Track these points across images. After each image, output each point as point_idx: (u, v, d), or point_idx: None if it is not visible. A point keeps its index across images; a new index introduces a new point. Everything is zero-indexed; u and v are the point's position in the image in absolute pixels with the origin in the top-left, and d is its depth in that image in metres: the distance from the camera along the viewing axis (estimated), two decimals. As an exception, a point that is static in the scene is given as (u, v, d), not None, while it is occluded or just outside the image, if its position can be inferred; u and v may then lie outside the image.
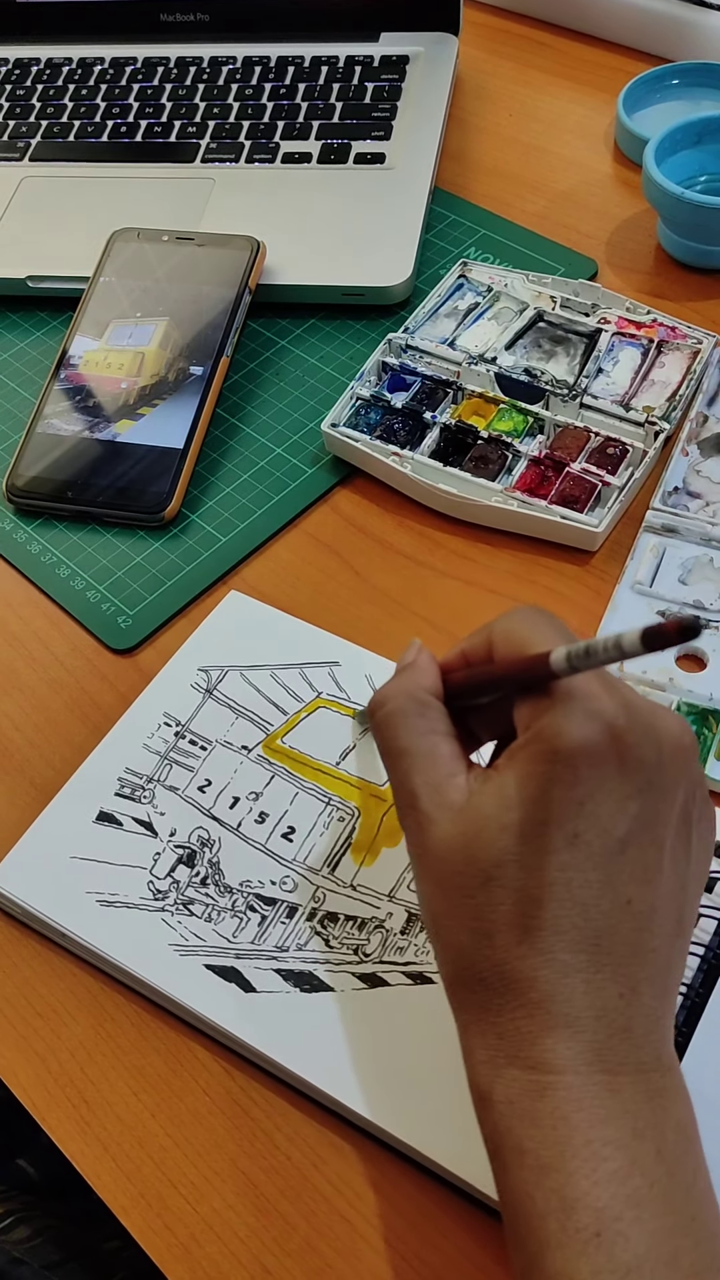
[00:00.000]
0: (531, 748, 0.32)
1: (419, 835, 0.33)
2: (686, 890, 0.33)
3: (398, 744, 0.35)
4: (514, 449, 0.56)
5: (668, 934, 0.32)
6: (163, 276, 0.65)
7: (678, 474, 0.55)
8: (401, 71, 0.76)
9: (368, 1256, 0.37)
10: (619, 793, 0.31)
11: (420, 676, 0.37)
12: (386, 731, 0.36)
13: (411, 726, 0.35)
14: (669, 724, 0.33)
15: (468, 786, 0.33)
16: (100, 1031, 0.43)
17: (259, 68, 0.78)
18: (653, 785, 0.32)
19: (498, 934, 0.31)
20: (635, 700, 0.33)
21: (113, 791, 0.47)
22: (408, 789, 0.34)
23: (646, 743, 0.32)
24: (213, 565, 0.56)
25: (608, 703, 0.31)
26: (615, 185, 0.71)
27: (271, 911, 0.44)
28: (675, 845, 0.33)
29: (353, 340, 0.65)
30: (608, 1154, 0.29)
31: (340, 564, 0.55)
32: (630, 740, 0.31)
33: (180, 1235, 0.39)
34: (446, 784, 0.34)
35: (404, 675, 0.37)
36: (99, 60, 0.81)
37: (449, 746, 0.35)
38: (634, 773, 0.31)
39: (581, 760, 0.31)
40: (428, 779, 0.34)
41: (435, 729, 0.35)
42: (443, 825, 0.33)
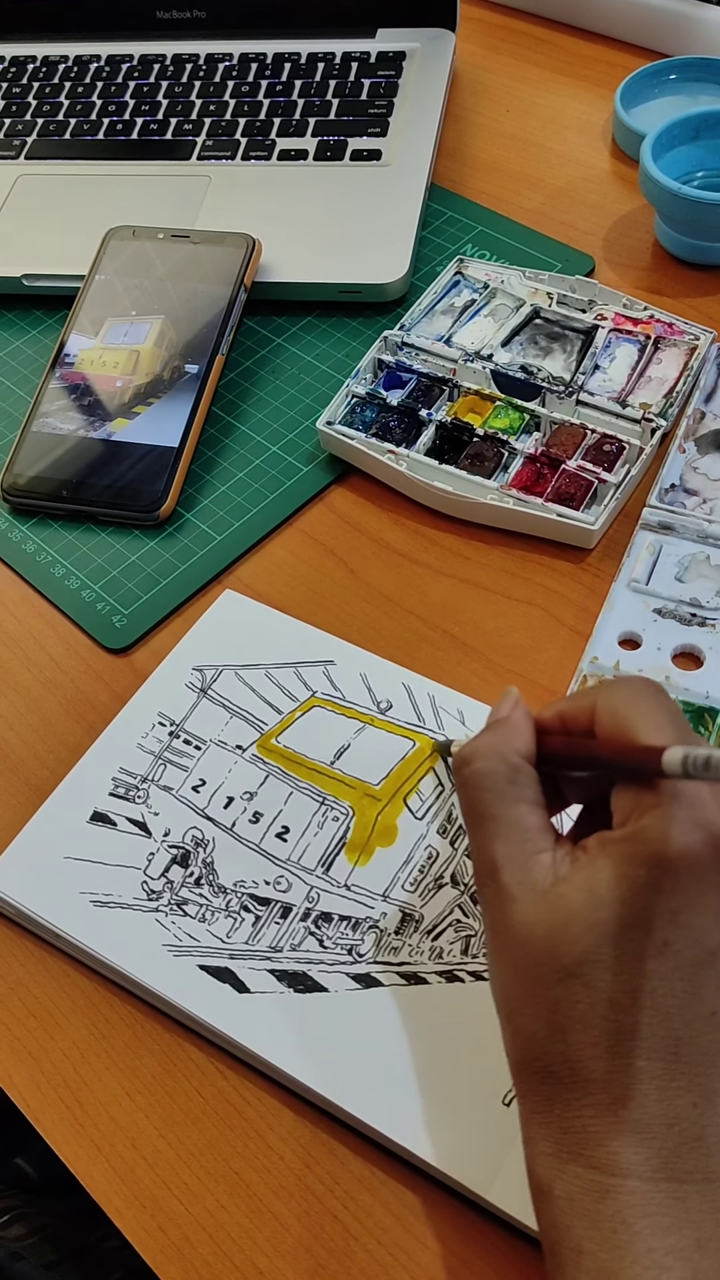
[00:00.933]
0: (630, 847, 0.31)
1: (499, 910, 0.33)
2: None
3: (483, 808, 0.34)
4: (510, 446, 0.56)
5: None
6: (158, 274, 0.65)
7: (674, 471, 0.55)
8: (398, 68, 0.76)
9: (359, 1256, 0.37)
10: (717, 905, 0.30)
11: (514, 736, 0.35)
12: (472, 792, 0.34)
13: (500, 792, 0.34)
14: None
15: (554, 866, 0.32)
16: (94, 1032, 0.43)
17: (255, 65, 0.78)
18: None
19: (574, 1031, 0.31)
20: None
21: (107, 791, 0.47)
22: (489, 858, 0.33)
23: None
24: (208, 564, 0.56)
25: (715, 811, 0.31)
26: (613, 181, 0.71)
27: (265, 912, 0.44)
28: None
29: (349, 338, 0.64)
30: (669, 1264, 0.29)
31: (336, 562, 0.55)
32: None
33: (173, 1236, 0.39)
34: (532, 860, 0.32)
35: (496, 733, 0.35)
36: (95, 58, 0.80)
37: (537, 818, 0.34)
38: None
39: (683, 870, 0.30)
40: (512, 851, 0.33)
41: (524, 797, 0.34)
42: (525, 906, 0.32)
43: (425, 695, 0.48)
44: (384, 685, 0.49)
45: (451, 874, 0.44)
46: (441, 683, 0.49)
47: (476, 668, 0.51)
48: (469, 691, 0.49)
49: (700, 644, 0.49)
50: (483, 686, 0.50)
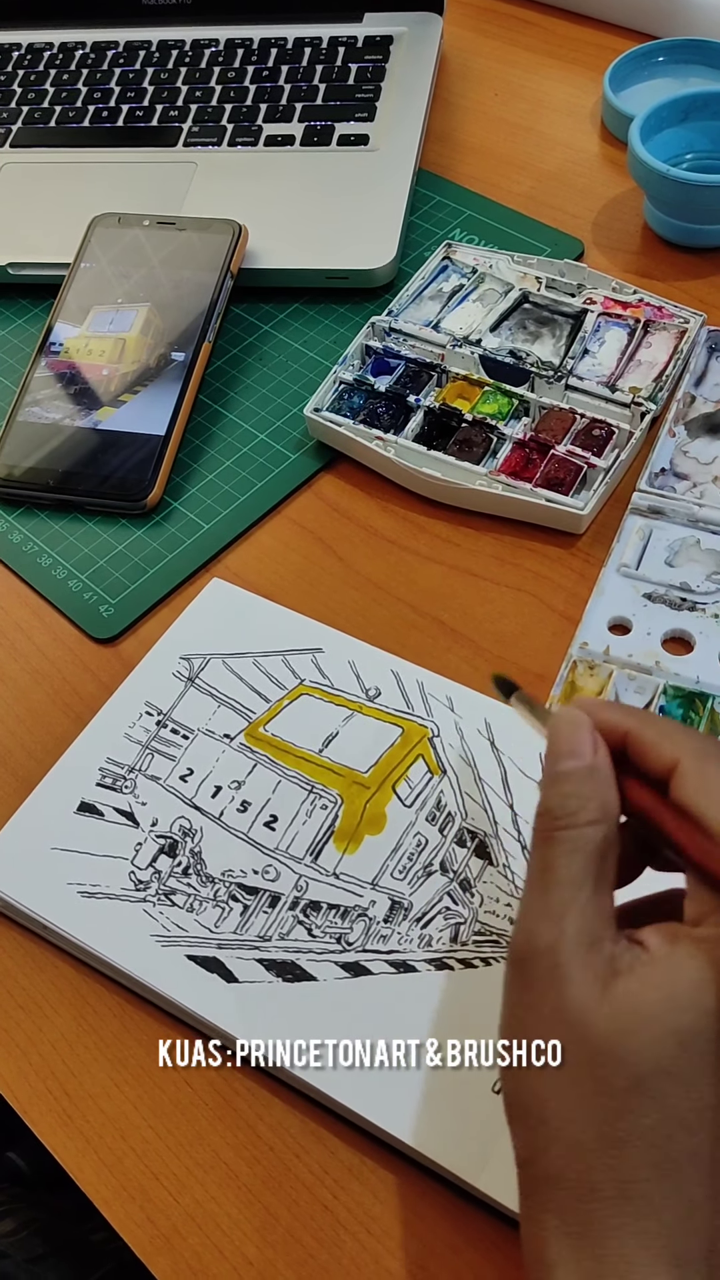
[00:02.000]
0: (716, 950, 0.28)
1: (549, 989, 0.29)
2: None
3: (566, 872, 0.30)
4: (499, 432, 0.56)
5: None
6: (144, 262, 0.64)
7: (664, 455, 0.55)
8: (385, 52, 0.75)
9: (349, 1245, 0.37)
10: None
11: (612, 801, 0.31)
12: (560, 849, 0.30)
13: (590, 864, 0.30)
14: None
15: (613, 957, 0.29)
16: (82, 1024, 0.43)
17: (241, 50, 0.77)
18: None
19: (633, 1148, 0.28)
20: None
21: (94, 782, 0.47)
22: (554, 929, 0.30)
23: None
24: (195, 553, 0.55)
25: None
26: (602, 164, 0.70)
27: (254, 901, 0.43)
28: None
29: (337, 324, 0.64)
30: None
31: (324, 550, 0.55)
32: None
33: (162, 1227, 0.38)
34: (596, 945, 0.29)
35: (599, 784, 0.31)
36: (80, 45, 0.80)
37: (609, 901, 0.31)
38: None
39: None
40: (581, 930, 0.29)
41: (607, 874, 0.31)
42: (585, 994, 0.29)
43: (414, 682, 0.48)
44: (372, 672, 0.49)
45: (440, 861, 0.43)
46: (431, 669, 0.49)
47: (466, 654, 0.50)
48: (458, 678, 0.48)
49: (690, 628, 0.49)
50: (472, 673, 0.49)
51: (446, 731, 0.46)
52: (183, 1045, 0.41)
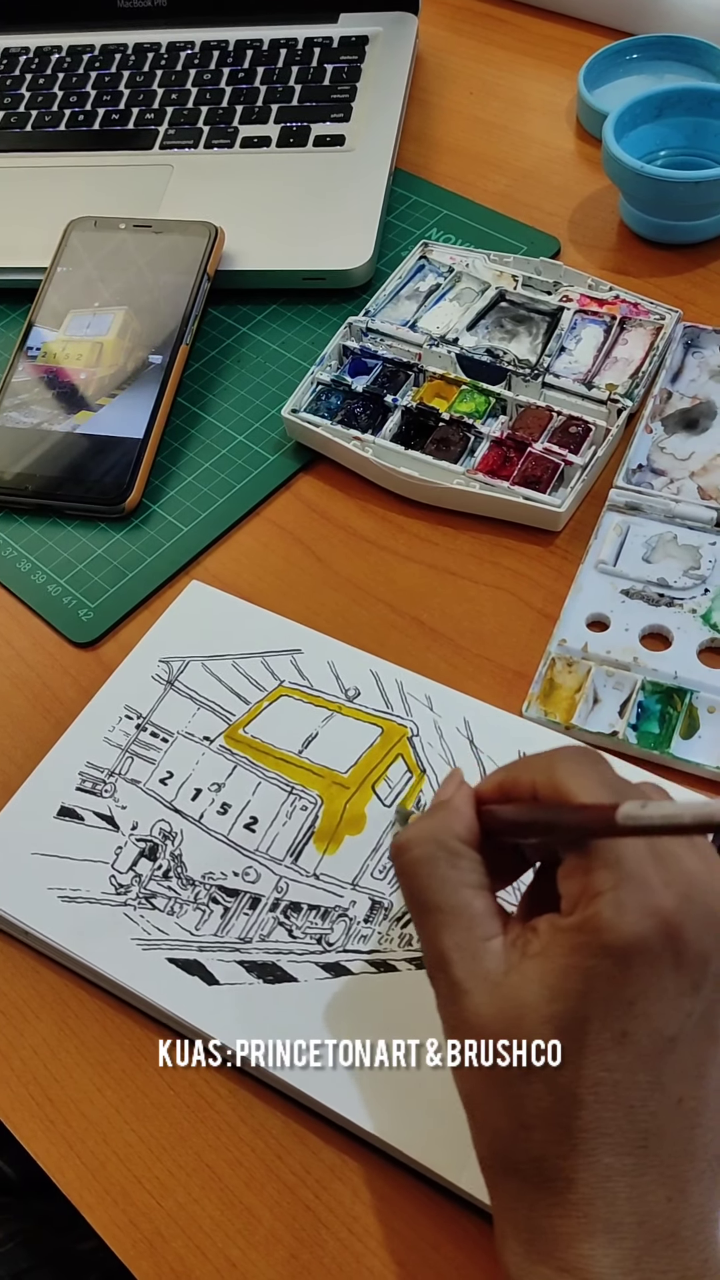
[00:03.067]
0: (579, 937, 0.30)
1: (451, 1004, 0.32)
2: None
3: (426, 897, 0.33)
4: (476, 430, 0.56)
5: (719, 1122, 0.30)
6: (120, 265, 0.64)
7: (641, 451, 0.55)
8: (361, 52, 0.76)
9: (331, 1245, 0.37)
10: (673, 990, 0.29)
11: (453, 819, 0.34)
12: (413, 881, 0.33)
13: (441, 879, 0.33)
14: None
15: (504, 953, 0.31)
16: (64, 1028, 0.43)
17: (217, 52, 0.77)
18: (709, 976, 0.30)
19: (537, 1129, 0.30)
20: (695, 879, 0.30)
21: (74, 786, 0.47)
22: (437, 949, 0.32)
23: (706, 933, 0.30)
24: (175, 555, 0.55)
25: (664, 894, 0.30)
26: (578, 162, 0.70)
27: (234, 903, 0.43)
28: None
29: (314, 325, 0.64)
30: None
31: (303, 551, 0.55)
32: (689, 935, 0.29)
33: (145, 1230, 0.38)
34: (481, 949, 0.32)
35: (437, 817, 0.34)
36: (56, 49, 0.80)
37: (483, 902, 0.33)
38: (691, 968, 0.30)
39: (634, 959, 0.29)
40: (460, 941, 0.32)
41: (467, 882, 0.33)
42: (478, 999, 0.31)
43: (393, 682, 0.48)
44: (352, 673, 0.49)
45: (420, 860, 0.43)
46: (411, 669, 0.49)
47: (445, 653, 0.50)
48: (438, 677, 0.48)
49: (668, 624, 0.49)
50: (451, 672, 0.49)
51: (426, 730, 0.47)
52: (170, 1048, 0.41)
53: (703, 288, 0.62)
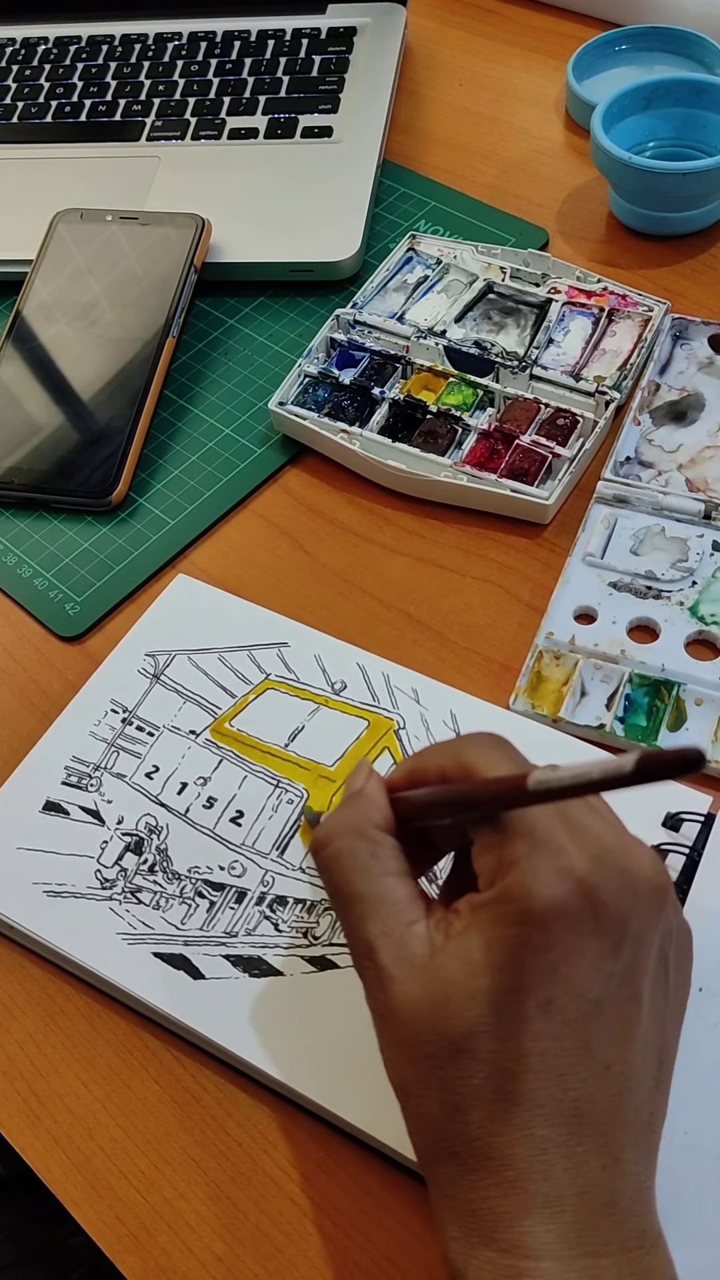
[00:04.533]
0: (498, 908, 0.30)
1: (379, 992, 0.31)
2: (666, 1031, 0.32)
3: (349, 888, 0.33)
4: (463, 423, 0.55)
5: (648, 1087, 0.31)
6: (107, 257, 0.64)
7: (629, 444, 0.55)
8: (349, 43, 0.75)
9: (316, 1239, 0.37)
10: (594, 952, 0.30)
11: (368, 808, 0.34)
12: (334, 874, 0.33)
13: (361, 869, 0.33)
14: (642, 866, 0.31)
15: (429, 936, 0.31)
16: (50, 1023, 0.42)
17: (205, 43, 0.77)
18: (628, 937, 0.30)
19: (470, 1108, 0.29)
20: (606, 843, 0.31)
21: (59, 780, 0.47)
22: (362, 938, 0.32)
23: (622, 894, 0.30)
24: (161, 549, 0.55)
25: (578, 857, 0.30)
26: (566, 153, 0.70)
27: (220, 897, 0.43)
28: (654, 990, 0.31)
29: (302, 317, 0.64)
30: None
31: (290, 544, 0.55)
32: (604, 895, 0.30)
33: (130, 1225, 0.38)
34: (405, 934, 0.31)
35: (350, 809, 0.34)
36: (43, 40, 0.79)
37: (405, 888, 0.33)
38: (609, 929, 0.30)
39: (554, 923, 0.29)
40: (384, 928, 0.32)
41: (388, 869, 0.33)
42: (405, 984, 0.31)
43: (380, 674, 0.48)
44: (338, 666, 0.48)
45: (407, 854, 0.43)
46: (398, 662, 0.49)
47: (433, 646, 0.50)
48: (425, 670, 0.48)
49: (655, 616, 0.49)
50: (439, 665, 0.49)
51: (412, 723, 0.46)
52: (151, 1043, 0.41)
53: (691, 279, 0.62)
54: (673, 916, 0.32)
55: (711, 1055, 0.37)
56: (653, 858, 0.32)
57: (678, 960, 0.33)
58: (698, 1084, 0.37)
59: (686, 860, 0.41)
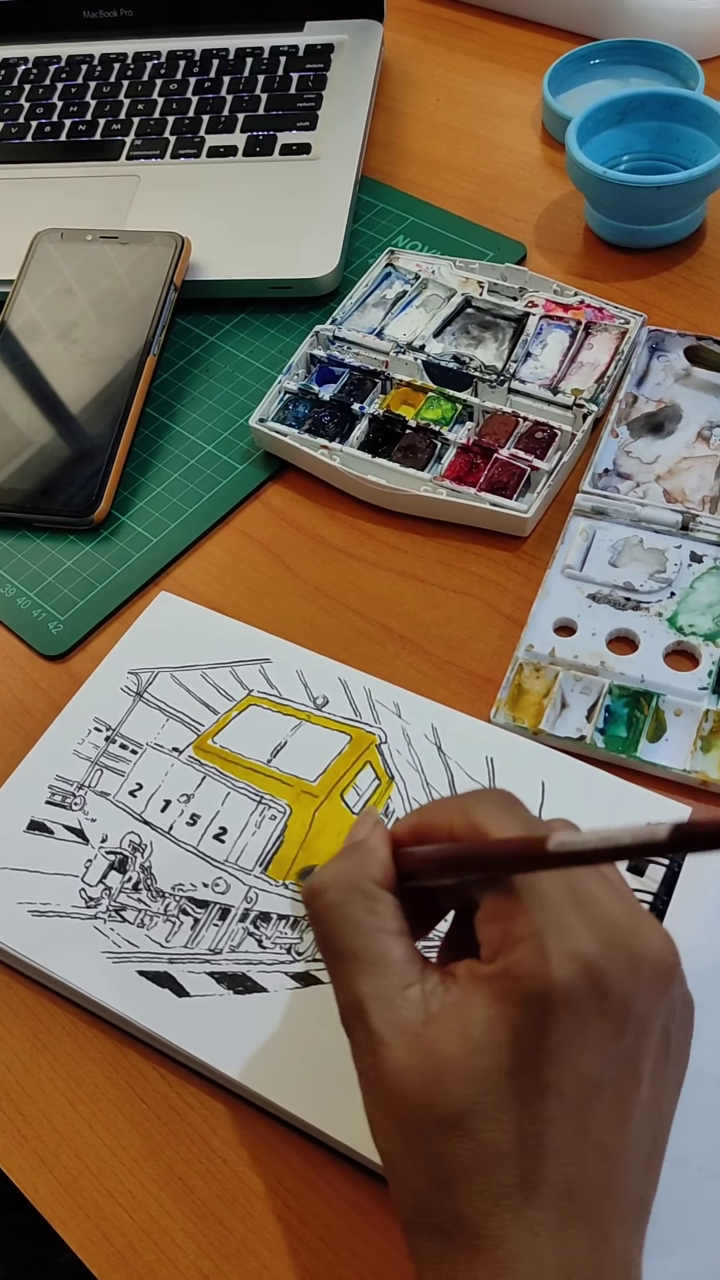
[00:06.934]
0: (501, 985, 0.29)
1: (368, 1055, 0.30)
2: (662, 1108, 0.31)
3: (341, 944, 0.31)
4: (442, 437, 0.56)
5: (640, 1165, 0.30)
6: (87, 276, 0.64)
7: (608, 456, 0.55)
8: (326, 60, 0.76)
9: (303, 1255, 0.37)
10: (597, 1035, 0.29)
11: (368, 862, 0.33)
12: (327, 926, 0.32)
13: (357, 924, 0.31)
14: (650, 945, 0.30)
15: (424, 1001, 0.30)
16: (36, 1043, 0.43)
17: (183, 62, 0.77)
18: (631, 1020, 0.29)
19: (459, 1186, 0.28)
20: (616, 920, 0.30)
21: (43, 800, 0.47)
22: (353, 997, 0.31)
23: (628, 977, 0.29)
24: (144, 566, 0.55)
25: (587, 939, 0.29)
26: (543, 167, 0.71)
27: (204, 914, 0.43)
28: (654, 1069, 0.31)
29: (282, 334, 0.64)
30: None
31: (272, 560, 0.55)
32: (610, 979, 0.29)
33: (118, 1244, 0.38)
34: (399, 998, 0.30)
35: (349, 860, 0.33)
36: (22, 60, 0.80)
37: (401, 948, 0.31)
38: (614, 1012, 0.29)
39: (558, 1006, 0.28)
40: (377, 989, 0.31)
41: (384, 927, 0.32)
42: (396, 1050, 0.30)
43: (361, 689, 0.48)
44: (320, 681, 0.49)
45: (389, 868, 0.43)
46: (380, 677, 0.49)
47: (414, 660, 0.50)
48: (406, 684, 0.48)
49: (634, 628, 0.49)
50: (420, 679, 0.50)
51: (394, 738, 0.47)
52: (137, 1061, 0.41)
53: (667, 291, 0.62)
54: (677, 993, 0.31)
55: (692, 1065, 0.38)
56: (662, 935, 0.31)
57: (679, 1036, 0.32)
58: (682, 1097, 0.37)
59: (666, 872, 0.41)
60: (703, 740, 0.46)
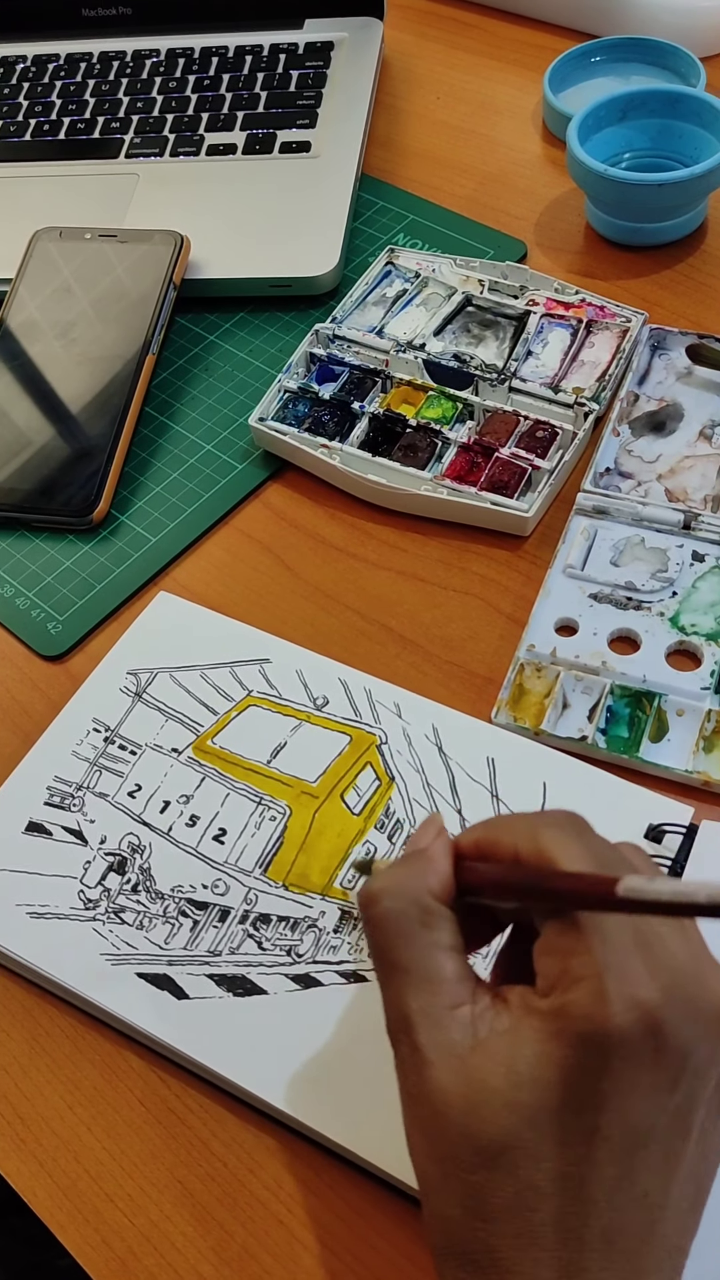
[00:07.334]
0: (556, 1023, 0.28)
1: (412, 1072, 0.30)
2: (708, 1160, 0.30)
3: (394, 955, 0.31)
4: (443, 436, 0.56)
5: (682, 1213, 0.29)
6: (86, 275, 0.64)
7: (609, 455, 0.55)
8: (326, 58, 0.75)
9: (304, 1259, 0.37)
10: (650, 1085, 0.28)
11: (428, 873, 0.32)
12: (381, 936, 0.31)
13: (412, 937, 0.31)
14: (714, 993, 0.29)
15: (473, 1025, 0.29)
16: (35, 1046, 0.42)
17: (183, 60, 0.77)
18: (687, 1072, 0.28)
19: (495, 1221, 0.28)
20: (680, 966, 0.29)
21: (42, 801, 0.46)
22: (401, 1012, 0.30)
23: (686, 1026, 0.28)
24: (143, 566, 0.55)
25: (649, 986, 0.28)
26: (544, 165, 0.70)
27: (203, 916, 0.43)
28: (705, 1121, 0.29)
29: (282, 332, 0.64)
30: None
31: (272, 560, 0.55)
32: (669, 1029, 0.28)
33: (117, 1249, 0.38)
34: (448, 1017, 0.30)
35: (410, 868, 0.32)
36: (21, 58, 0.79)
37: (454, 965, 0.31)
38: (670, 1064, 0.28)
39: (614, 1054, 0.27)
40: (425, 1006, 0.30)
41: (438, 942, 0.31)
42: (440, 1072, 0.29)
43: (362, 689, 0.48)
44: (320, 681, 0.48)
45: (390, 869, 0.43)
46: (380, 677, 0.49)
47: (415, 660, 0.50)
48: (407, 684, 0.48)
49: (636, 627, 0.49)
50: (421, 679, 0.49)
51: (394, 738, 0.46)
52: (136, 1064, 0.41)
53: (669, 289, 0.62)
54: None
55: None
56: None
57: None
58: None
59: (669, 873, 0.41)
60: (705, 740, 0.45)
